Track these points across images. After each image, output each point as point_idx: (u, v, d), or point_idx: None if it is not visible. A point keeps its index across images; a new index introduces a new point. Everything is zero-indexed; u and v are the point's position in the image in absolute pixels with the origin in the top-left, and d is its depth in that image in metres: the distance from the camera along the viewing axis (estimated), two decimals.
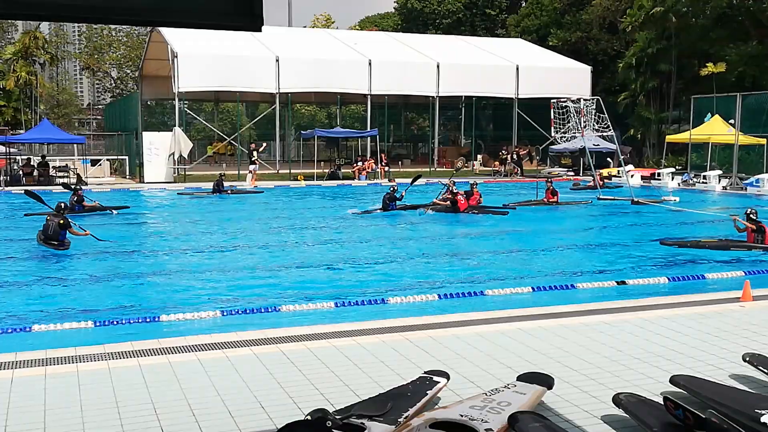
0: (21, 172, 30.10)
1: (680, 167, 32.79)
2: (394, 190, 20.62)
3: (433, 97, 36.63)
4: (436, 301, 9.43)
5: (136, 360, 6.32)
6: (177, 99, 32.83)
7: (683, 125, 37.73)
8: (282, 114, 35.54)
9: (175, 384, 5.73)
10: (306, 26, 60.97)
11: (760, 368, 5.75)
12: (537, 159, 40.04)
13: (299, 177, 31.74)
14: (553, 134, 27.61)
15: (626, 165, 29.90)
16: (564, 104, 26.56)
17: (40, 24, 50.96)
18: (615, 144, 30.20)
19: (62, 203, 14.48)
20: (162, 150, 30.62)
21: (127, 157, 35.36)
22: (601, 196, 24.03)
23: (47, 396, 5.48)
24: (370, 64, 35.19)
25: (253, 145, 31.10)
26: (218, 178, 26.58)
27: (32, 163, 31.17)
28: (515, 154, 35.85)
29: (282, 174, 33.91)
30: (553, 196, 22.11)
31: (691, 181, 29.44)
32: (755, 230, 12.96)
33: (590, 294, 9.75)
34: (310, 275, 11.84)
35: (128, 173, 34.75)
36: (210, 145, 40.53)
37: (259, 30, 2.54)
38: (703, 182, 28.97)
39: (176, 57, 31.55)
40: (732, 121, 28.98)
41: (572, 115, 26.07)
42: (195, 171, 33.01)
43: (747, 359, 5.90)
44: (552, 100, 27.34)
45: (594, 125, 26.14)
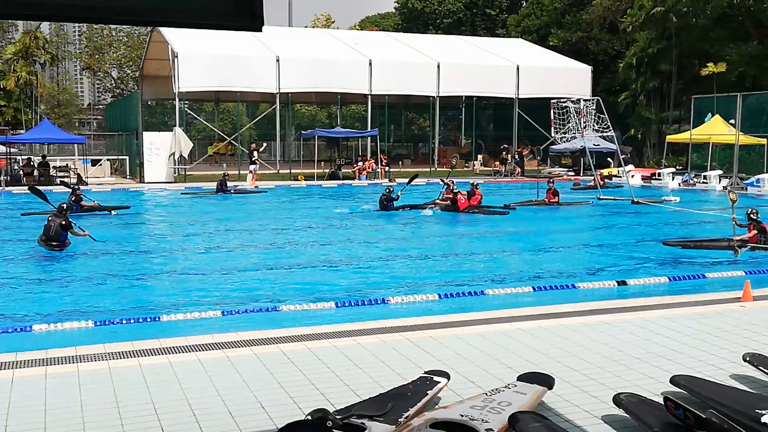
0: (21, 172, 30.13)
1: (681, 167, 32.79)
2: (390, 191, 20.61)
3: (434, 97, 36.62)
4: (437, 301, 9.44)
5: (137, 360, 6.32)
6: (177, 99, 32.84)
7: (684, 125, 37.72)
8: (282, 114, 35.54)
9: (176, 384, 5.73)
10: (306, 26, 61.02)
11: (761, 368, 5.75)
12: (538, 159, 40.03)
13: (299, 177, 31.73)
14: (554, 134, 27.60)
15: (627, 165, 29.89)
16: (564, 104, 26.56)
17: (41, 24, 51.00)
18: (615, 144, 30.19)
19: (64, 204, 14.54)
20: (162, 150, 30.64)
21: (128, 157, 35.37)
22: (602, 196, 24.02)
23: (48, 396, 5.48)
24: (371, 64, 35.18)
25: (254, 145, 31.08)
26: (222, 178, 26.62)
27: (32, 163, 31.18)
28: (518, 154, 35.88)
29: (282, 174, 33.90)
30: (555, 197, 22.08)
31: (692, 181, 29.43)
32: (757, 230, 12.96)
33: (590, 294, 9.74)
34: (311, 275, 11.84)
35: (129, 173, 34.76)
36: (210, 145, 40.55)
37: (260, 30, 2.54)
38: (704, 182, 28.96)
39: (177, 57, 31.56)
40: (732, 121, 28.96)
41: (572, 116, 26.06)
42: (195, 171, 33.04)
43: (747, 359, 5.90)
44: (552, 101, 27.33)
45: (594, 125, 26.14)
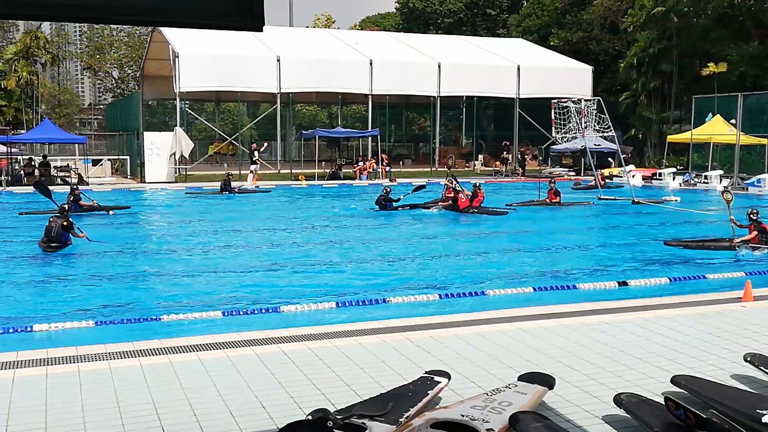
0: (22, 172, 30.13)
1: (681, 167, 32.78)
2: (388, 191, 20.61)
3: (434, 97, 36.60)
4: (438, 301, 9.43)
5: (137, 360, 6.32)
6: (178, 99, 32.85)
7: (684, 125, 37.69)
8: (283, 114, 35.54)
9: (176, 384, 5.73)
10: (307, 26, 61.03)
11: (761, 368, 5.75)
12: (539, 159, 40.02)
13: (300, 177, 31.73)
14: (554, 134, 27.60)
15: (627, 165, 29.87)
16: (565, 104, 26.55)
17: (42, 24, 51.03)
18: (616, 144, 30.19)
19: (65, 205, 14.58)
20: (163, 150, 30.66)
21: (129, 157, 35.38)
22: (602, 196, 24.01)
23: (48, 396, 5.48)
24: (371, 64, 35.17)
25: (254, 145, 31.10)
26: (226, 178, 26.70)
27: (33, 163, 31.20)
28: (521, 154, 35.93)
29: (283, 174, 33.91)
30: (556, 197, 22.08)
31: (693, 182, 29.43)
32: (758, 230, 12.95)
33: (591, 294, 9.74)
34: (311, 275, 11.83)
35: (129, 173, 34.77)
36: (211, 145, 40.56)
37: (260, 30, 2.54)
38: (705, 182, 28.95)
39: (177, 57, 31.56)
40: (733, 121, 28.96)
41: (573, 116, 26.06)
42: (196, 171, 33.07)
43: (748, 359, 5.90)
44: (553, 101, 27.32)
45: (595, 125, 26.13)
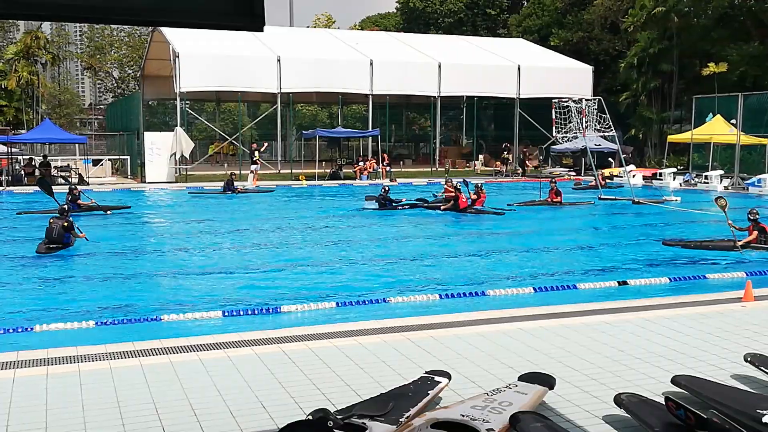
0: (23, 172, 30.13)
1: (682, 167, 32.78)
2: (387, 191, 20.63)
3: (435, 97, 36.60)
4: (438, 301, 9.43)
5: (138, 360, 6.33)
6: (178, 99, 32.85)
7: (685, 125, 37.70)
8: (283, 114, 35.54)
9: (177, 384, 5.73)
10: (307, 26, 61.02)
11: (762, 368, 5.74)
12: (540, 159, 40.02)
13: (300, 177, 31.73)
14: (555, 134, 27.59)
15: (628, 165, 29.86)
16: (565, 104, 26.54)
17: (42, 24, 51.03)
18: (616, 144, 30.18)
19: (64, 206, 14.58)
20: (163, 150, 30.67)
21: (129, 157, 35.37)
22: (603, 196, 24.01)
23: (48, 396, 5.48)
24: (372, 64, 35.16)
25: (254, 145, 31.10)
26: (229, 177, 26.75)
27: (34, 163, 31.18)
28: (522, 154, 35.96)
29: (283, 174, 33.90)
30: (557, 197, 22.08)
31: (693, 182, 29.42)
32: (757, 231, 12.94)
33: (591, 294, 9.75)
34: (311, 275, 11.83)
35: (130, 173, 34.77)
36: (212, 145, 40.55)
37: (260, 30, 2.54)
38: (705, 182, 28.94)
39: (178, 57, 31.56)
40: (734, 121, 28.96)
41: (574, 115, 26.05)
42: (196, 171, 33.06)
43: (748, 359, 5.90)
44: (554, 100, 27.32)
45: (596, 125, 26.12)
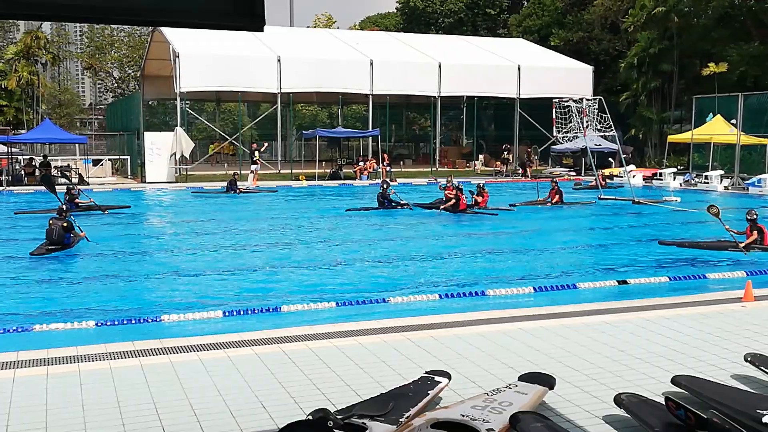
0: (23, 172, 30.14)
1: (682, 167, 32.76)
2: (386, 188, 20.64)
3: (435, 97, 36.59)
4: (438, 301, 9.43)
5: (138, 360, 6.33)
6: (179, 99, 32.84)
7: (685, 125, 37.68)
8: (283, 114, 35.54)
9: (177, 384, 5.74)
10: (307, 26, 61.03)
11: (762, 368, 5.74)
12: (537, 159, 40.01)
13: (301, 177, 31.73)
14: (555, 134, 27.59)
15: (628, 165, 29.86)
16: (566, 104, 26.54)
17: (42, 24, 51.02)
18: (617, 144, 30.18)
19: (63, 206, 14.55)
20: (164, 150, 30.67)
21: (129, 157, 35.38)
22: (603, 196, 24.01)
23: (48, 396, 5.48)
24: (372, 64, 35.16)
25: (254, 145, 31.10)
26: (232, 177, 26.81)
27: (34, 163, 31.20)
28: (526, 154, 35.98)
29: (284, 174, 33.90)
30: (558, 197, 22.08)
31: (693, 182, 29.41)
32: (756, 231, 12.92)
33: (592, 294, 9.75)
34: (311, 275, 11.83)
35: (130, 173, 34.78)
36: (212, 145, 40.55)
37: (261, 30, 2.54)
38: (705, 182, 28.93)
39: (178, 57, 31.56)
40: (734, 121, 28.95)
41: (574, 115, 26.04)
42: (196, 171, 33.07)
43: (748, 359, 5.89)
44: (554, 100, 27.31)
45: (596, 125, 26.12)
